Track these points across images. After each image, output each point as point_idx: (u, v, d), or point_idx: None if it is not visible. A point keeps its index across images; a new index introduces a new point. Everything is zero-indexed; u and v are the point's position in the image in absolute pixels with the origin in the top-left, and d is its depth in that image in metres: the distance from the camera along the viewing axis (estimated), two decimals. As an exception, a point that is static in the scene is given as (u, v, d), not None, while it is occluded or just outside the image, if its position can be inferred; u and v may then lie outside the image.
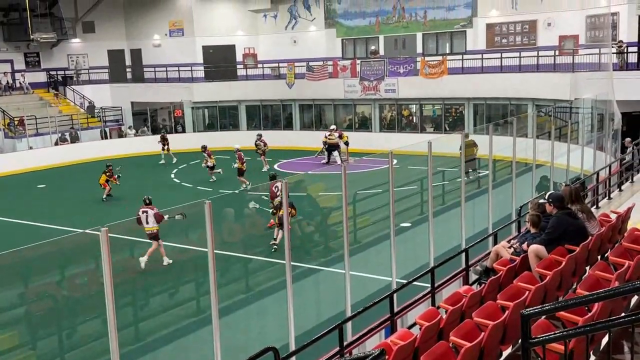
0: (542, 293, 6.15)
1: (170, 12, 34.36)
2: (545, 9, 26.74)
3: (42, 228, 17.05)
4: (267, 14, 33.94)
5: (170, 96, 32.78)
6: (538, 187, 13.61)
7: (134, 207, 14.24)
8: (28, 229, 17.14)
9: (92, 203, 20.56)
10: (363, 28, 31.66)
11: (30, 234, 16.03)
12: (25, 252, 6.91)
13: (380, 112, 30.23)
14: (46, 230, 16.53)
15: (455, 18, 29.20)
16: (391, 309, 7.89)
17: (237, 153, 22.02)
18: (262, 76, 32.97)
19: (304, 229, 14.77)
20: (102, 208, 19.89)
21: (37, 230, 16.86)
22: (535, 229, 8.11)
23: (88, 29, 34.79)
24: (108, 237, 5.42)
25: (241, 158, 21.77)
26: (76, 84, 34.39)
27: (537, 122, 14.97)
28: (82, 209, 19.62)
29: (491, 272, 8.01)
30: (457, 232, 10.88)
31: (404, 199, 16.17)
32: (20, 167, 27.11)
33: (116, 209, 19.06)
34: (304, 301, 10.43)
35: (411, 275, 9.30)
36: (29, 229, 17.11)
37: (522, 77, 25.62)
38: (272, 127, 32.56)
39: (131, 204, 19.42)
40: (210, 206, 6.43)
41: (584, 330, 4.11)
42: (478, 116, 27.80)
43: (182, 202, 18.21)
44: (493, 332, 5.24)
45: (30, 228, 17.33)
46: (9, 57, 33.38)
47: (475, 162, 19.36)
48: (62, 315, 9.60)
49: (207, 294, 6.73)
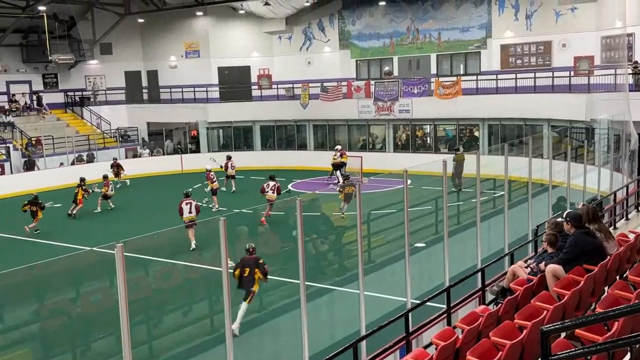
0: (560, 313, 6.05)
1: (186, 34, 34.79)
2: (560, 30, 26.75)
3: (57, 247, 17.12)
4: (282, 35, 34.26)
5: (186, 116, 33.04)
6: (554, 207, 13.49)
7: (151, 224, 14.28)
8: (44, 248, 17.22)
9: (107, 221, 20.65)
10: (377, 49, 31.83)
11: (47, 252, 16.09)
12: (40, 269, 6.93)
13: (394, 132, 30.24)
14: (61, 249, 16.60)
15: (470, 39, 29.29)
16: (406, 328, 7.79)
17: (207, 173, 22.38)
18: (276, 97, 33.16)
19: (318, 248, 14.71)
20: (116, 226, 19.95)
21: (53, 248, 16.93)
22: (552, 249, 8.01)
23: (105, 51, 35.28)
24: (123, 253, 5.42)
25: (210, 178, 22.06)
26: (93, 105, 34.79)
27: (552, 143, 14.90)
28: (97, 227, 19.70)
29: (508, 292, 7.90)
30: (472, 252, 10.78)
31: (418, 219, 16.08)
32: (36, 186, 27.32)
33: (131, 225, 19.12)
34: (318, 320, 10.35)
35: (425, 295, 9.20)
36: (45, 248, 17.20)
37: (537, 97, 25.56)
38: (286, 147, 32.68)
39: (147, 220, 19.56)
40: (224, 223, 6.43)
41: (605, 346, 4.03)
42: (493, 136, 27.71)
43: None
44: (511, 352, 5.15)
45: (46, 247, 17.42)
46: (27, 78, 33.89)
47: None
48: (76, 332, 9.59)
49: (221, 312, 6.68)
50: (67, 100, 35.05)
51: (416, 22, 30.58)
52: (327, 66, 32.90)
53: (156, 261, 13.29)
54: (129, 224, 20.04)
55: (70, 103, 35.03)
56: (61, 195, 25.78)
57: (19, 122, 31.44)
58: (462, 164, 22.02)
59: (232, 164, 25.35)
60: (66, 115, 34.46)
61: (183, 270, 12.87)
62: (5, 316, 7.92)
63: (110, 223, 20.71)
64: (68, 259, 7.87)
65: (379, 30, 31.62)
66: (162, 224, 18.77)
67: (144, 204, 23.95)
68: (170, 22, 34.48)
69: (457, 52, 29.87)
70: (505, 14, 28.22)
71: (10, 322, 8.53)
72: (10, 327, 8.59)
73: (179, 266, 13.02)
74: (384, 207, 18.12)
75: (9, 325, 8.47)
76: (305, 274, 7.51)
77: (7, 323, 8.21)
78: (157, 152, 33.34)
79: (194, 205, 16.65)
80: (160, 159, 32.07)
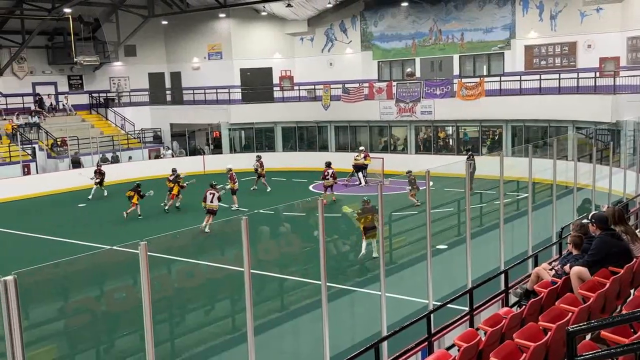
0: (585, 315, 5.97)
1: (209, 36, 35.03)
2: (585, 30, 26.43)
3: (83, 246, 17.34)
4: (303, 37, 34.33)
5: (208, 118, 33.26)
6: (579, 209, 13.32)
7: (172, 224, 14.39)
8: (70, 247, 17.45)
9: (127, 221, 20.84)
10: (399, 50, 31.74)
11: (72, 251, 16.31)
12: (65, 267, 7.02)
13: (416, 133, 30.11)
14: (87, 248, 16.80)
15: (493, 40, 29.07)
16: (428, 330, 7.75)
17: (229, 173, 22.50)
18: (298, 98, 33.23)
19: (339, 249, 14.70)
20: (142, 225, 20.13)
21: (79, 248, 17.15)
22: (577, 251, 7.91)
23: (130, 53, 35.67)
24: (147, 251, 5.46)
25: (233, 178, 22.23)
26: (117, 106, 35.20)
27: (577, 144, 14.71)
28: (122, 227, 19.90)
29: (532, 294, 7.82)
30: (495, 254, 10.67)
31: (440, 221, 15.98)
32: (61, 186, 27.74)
33: (157, 225, 19.28)
34: (339, 321, 10.33)
35: (447, 297, 9.14)
36: (71, 247, 17.42)
37: (562, 99, 25.27)
38: (307, 148, 32.72)
39: (169, 221, 19.72)
40: (246, 222, 6.44)
41: (632, 347, 3.96)
42: (516, 138, 27.46)
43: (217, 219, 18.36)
44: (535, 354, 5.09)
45: (72, 246, 17.64)
46: (53, 80, 34.40)
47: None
48: (100, 329, 9.70)
49: (242, 312, 6.70)
50: (92, 102, 35.50)
51: (439, 23, 30.43)
52: (348, 67, 32.89)
53: (179, 260, 13.40)
54: (152, 224, 20.20)
55: (95, 104, 35.48)
56: (88, 194, 26.07)
57: (44, 122, 31.91)
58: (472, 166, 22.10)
59: (261, 163, 25.52)
60: (91, 117, 34.91)
61: (205, 270, 12.95)
62: (31, 313, 8.04)
63: (130, 223, 20.87)
64: (92, 257, 7.96)
65: (401, 31, 31.53)
66: (183, 224, 18.97)
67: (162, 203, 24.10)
68: (193, 24, 34.75)
69: (480, 53, 29.66)
70: (530, 15, 27.96)
71: (37, 318, 8.66)
72: (36, 323, 8.72)
73: (201, 266, 13.10)
74: (406, 209, 18.08)
75: (35, 322, 8.61)
76: (326, 275, 7.50)
77: (33, 320, 8.34)
78: (180, 153, 33.61)
79: (216, 196, 18.77)
80: (182, 159, 32.30)
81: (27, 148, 29.63)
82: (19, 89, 32.83)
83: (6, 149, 28.82)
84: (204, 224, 18.09)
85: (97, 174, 25.71)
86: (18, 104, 32.35)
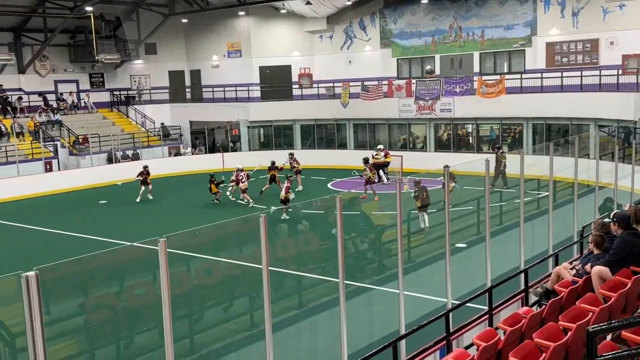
0: (606, 315, 5.89)
1: (228, 34, 35.15)
2: (607, 27, 26.08)
3: (104, 242, 17.52)
4: (323, 34, 34.30)
5: (228, 115, 33.39)
6: (601, 208, 13.15)
7: (189, 220, 14.46)
8: (91, 243, 17.63)
9: (147, 217, 21.01)
10: (419, 48, 31.58)
11: (92, 248, 16.47)
12: (86, 263, 7.09)
13: (436, 131, 29.96)
14: (109, 245, 16.96)
15: (514, 37, 28.81)
16: (447, 329, 7.71)
17: (236, 173, 22.66)
18: (317, 96, 33.22)
19: (357, 247, 14.68)
20: (156, 222, 20.29)
21: (99, 244, 17.32)
22: (598, 250, 7.82)
23: (150, 51, 35.93)
24: (166, 248, 5.49)
25: (239, 178, 22.31)
26: (138, 104, 35.49)
27: (599, 143, 14.53)
28: (144, 224, 20.07)
29: (552, 294, 7.75)
30: (515, 253, 10.58)
31: (459, 219, 15.89)
32: (83, 183, 28.06)
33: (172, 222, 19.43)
34: (357, 319, 10.32)
35: (466, 296, 9.08)
36: (92, 243, 17.60)
37: (584, 96, 24.96)
38: (326, 146, 32.71)
39: (186, 217, 19.85)
40: (265, 219, 6.46)
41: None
42: (537, 136, 27.19)
43: (234, 217, 18.43)
44: (555, 354, 5.04)
45: (93, 242, 17.83)
46: (74, 78, 34.78)
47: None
48: (120, 325, 9.80)
49: (260, 309, 6.72)
50: (113, 100, 35.84)
51: (459, 20, 30.22)
52: (367, 65, 32.80)
53: (197, 257, 13.48)
54: (171, 220, 20.35)
55: (116, 102, 35.81)
56: (109, 192, 26.33)
57: (66, 120, 32.29)
58: (502, 164, 22.45)
59: (295, 160, 25.64)
60: (112, 114, 35.24)
61: (224, 267, 13.01)
62: (52, 308, 8.15)
63: (150, 219, 21.04)
64: (112, 254, 8.04)
65: (420, 28, 31.36)
66: (203, 221, 19.06)
67: (182, 202, 24.27)
68: (213, 22, 34.91)
69: (501, 50, 29.41)
70: (551, 12, 27.65)
71: (57, 314, 8.78)
72: (57, 319, 8.83)
73: (219, 263, 13.17)
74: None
75: (56, 318, 8.72)
76: (344, 272, 7.49)
77: (54, 315, 8.45)
78: (200, 150, 33.81)
79: (244, 175, 21.92)
80: (202, 157, 32.51)
81: (49, 145, 29.99)
82: (41, 87, 33.24)
83: (29, 146, 29.21)
84: (249, 199, 21.81)
85: (142, 174, 24.65)
86: (40, 102, 32.75)
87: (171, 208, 23.10)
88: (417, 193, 17.05)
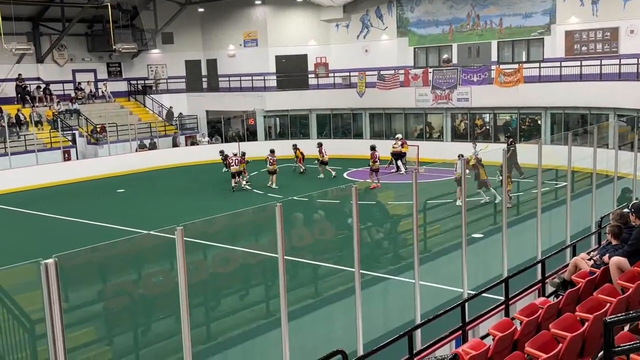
0: (624, 306, 5.85)
1: (244, 23, 35.13)
2: (627, 15, 25.68)
3: (122, 231, 17.69)
4: (339, 23, 34.15)
5: (244, 105, 33.45)
6: (619, 199, 13.03)
7: (207, 210, 14.54)
8: (108, 231, 17.81)
9: (162, 204, 21.14)
10: (436, 36, 31.34)
11: (110, 236, 16.61)
12: (104, 250, 7.16)
13: (452, 121, 29.77)
14: (127, 233, 17.11)
15: (532, 25, 28.47)
16: (463, 319, 7.70)
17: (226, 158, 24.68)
18: (333, 85, 33.16)
19: (373, 237, 14.67)
20: (172, 210, 20.42)
21: (117, 232, 17.49)
22: (616, 241, 7.75)
23: (167, 40, 36.05)
24: (183, 236, 5.53)
25: (229, 162, 24.11)
26: (155, 93, 35.66)
27: (618, 132, 14.36)
28: (161, 212, 20.21)
29: (569, 285, 7.71)
30: (532, 244, 10.53)
31: (476, 209, 15.82)
32: (101, 172, 28.31)
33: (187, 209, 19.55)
34: (372, 309, 10.34)
35: (482, 287, 9.05)
36: (110, 231, 17.78)
37: (603, 85, 24.65)
38: (342, 136, 32.67)
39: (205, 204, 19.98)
40: (280, 208, 6.49)
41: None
42: (555, 125, 26.93)
43: (249, 206, 18.44)
44: (571, 344, 5.01)
45: (111, 230, 18.01)
46: (92, 67, 35.02)
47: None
48: (137, 312, 9.90)
49: (276, 297, 6.76)
50: (130, 89, 36.04)
51: (477, 8, 29.92)
52: (384, 54, 32.61)
53: (214, 246, 13.55)
54: (185, 208, 20.48)
55: (133, 91, 36.00)
56: (128, 180, 26.55)
57: (84, 109, 32.54)
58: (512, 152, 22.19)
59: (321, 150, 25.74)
60: (129, 104, 35.45)
61: (240, 255, 13.07)
62: (70, 295, 8.26)
63: (166, 207, 21.17)
64: (130, 242, 8.11)
65: (437, 17, 31.11)
66: (219, 209, 19.15)
67: (198, 189, 24.40)
68: (229, 11, 34.89)
69: (519, 38, 29.09)
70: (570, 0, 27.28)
71: (75, 301, 8.88)
72: (75, 306, 8.94)
73: (236, 251, 13.22)
74: (441, 197, 17.93)
75: (74, 305, 8.82)
76: (360, 262, 7.50)
77: (72, 302, 8.56)
78: (216, 139, 33.91)
79: (272, 159, 23.55)
80: (218, 146, 32.57)
81: (68, 134, 30.26)
82: (59, 77, 33.50)
83: (47, 135, 29.50)
84: (273, 182, 23.77)
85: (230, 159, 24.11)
86: (59, 91, 33.03)
87: (190, 195, 23.20)
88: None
